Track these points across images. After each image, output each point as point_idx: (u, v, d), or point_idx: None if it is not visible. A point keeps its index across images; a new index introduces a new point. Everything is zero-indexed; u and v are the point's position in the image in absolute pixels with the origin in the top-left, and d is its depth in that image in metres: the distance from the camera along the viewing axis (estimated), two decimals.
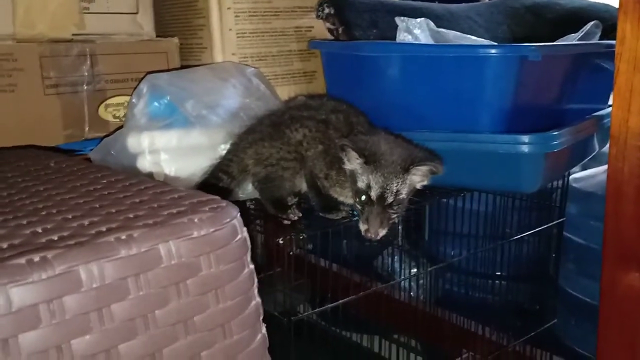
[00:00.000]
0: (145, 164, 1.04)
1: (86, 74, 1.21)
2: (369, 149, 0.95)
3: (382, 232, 0.96)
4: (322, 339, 1.63)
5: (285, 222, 1.02)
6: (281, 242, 0.91)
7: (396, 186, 0.95)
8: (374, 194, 0.95)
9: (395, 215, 0.97)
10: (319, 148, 1.03)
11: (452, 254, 1.66)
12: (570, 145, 1.14)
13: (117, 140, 1.07)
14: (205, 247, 0.59)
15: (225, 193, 1.02)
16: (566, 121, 1.15)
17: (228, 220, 0.62)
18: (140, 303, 0.55)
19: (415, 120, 1.13)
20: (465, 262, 1.65)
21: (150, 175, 1.05)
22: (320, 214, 1.06)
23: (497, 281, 1.63)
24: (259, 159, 1.05)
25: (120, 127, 1.16)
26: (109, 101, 1.23)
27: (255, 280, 0.66)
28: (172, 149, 1.05)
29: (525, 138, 1.03)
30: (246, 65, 1.27)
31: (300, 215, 1.03)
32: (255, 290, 0.66)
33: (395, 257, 1.78)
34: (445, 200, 1.64)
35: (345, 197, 1.04)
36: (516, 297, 1.58)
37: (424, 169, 0.97)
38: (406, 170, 0.95)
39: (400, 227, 1.79)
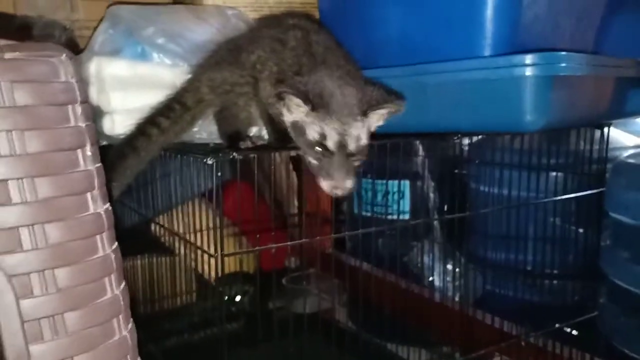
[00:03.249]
0: (92, 91, 0.95)
1: None
2: (314, 92, 0.80)
3: (350, 185, 0.80)
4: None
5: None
6: (209, 162, 0.77)
7: (356, 131, 0.80)
8: (331, 143, 0.79)
9: (357, 164, 0.82)
10: (273, 69, 0.90)
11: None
12: (593, 80, 0.93)
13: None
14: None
15: None
16: None
17: (46, 55, 0.50)
18: None
19: (404, 53, 0.98)
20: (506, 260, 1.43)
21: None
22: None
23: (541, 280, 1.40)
24: (213, 86, 0.94)
25: None
26: None
27: (90, 149, 0.53)
28: (121, 78, 0.95)
29: (526, 58, 0.84)
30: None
31: (252, 145, 0.89)
32: (90, 162, 0.53)
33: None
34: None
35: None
36: (560, 295, 1.34)
37: (382, 112, 0.82)
38: (364, 114, 0.80)
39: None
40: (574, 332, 1.26)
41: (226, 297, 1.62)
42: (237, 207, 1.50)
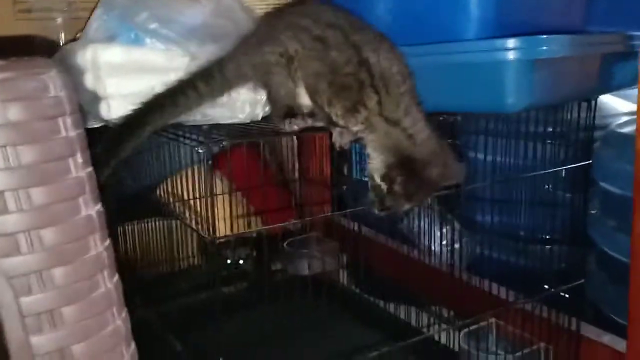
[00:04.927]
0: (88, 77, 0.98)
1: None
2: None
3: None
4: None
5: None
6: (200, 151, 0.80)
7: None
8: None
9: None
10: (316, 67, 0.91)
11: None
12: (577, 59, 0.95)
13: (69, 54, 1.02)
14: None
15: None
16: None
17: (36, 72, 0.53)
18: None
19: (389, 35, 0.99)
20: (499, 225, 1.47)
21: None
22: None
23: (532, 245, 1.45)
24: (255, 65, 0.97)
25: None
26: None
27: (81, 156, 0.57)
28: (116, 65, 0.98)
29: (508, 42, 0.86)
30: None
31: (296, 128, 0.94)
32: (80, 168, 0.57)
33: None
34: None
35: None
36: (550, 261, 1.38)
37: None
38: None
39: None
40: (566, 296, 1.30)
41: (229, 261, 1.68)
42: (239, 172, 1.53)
